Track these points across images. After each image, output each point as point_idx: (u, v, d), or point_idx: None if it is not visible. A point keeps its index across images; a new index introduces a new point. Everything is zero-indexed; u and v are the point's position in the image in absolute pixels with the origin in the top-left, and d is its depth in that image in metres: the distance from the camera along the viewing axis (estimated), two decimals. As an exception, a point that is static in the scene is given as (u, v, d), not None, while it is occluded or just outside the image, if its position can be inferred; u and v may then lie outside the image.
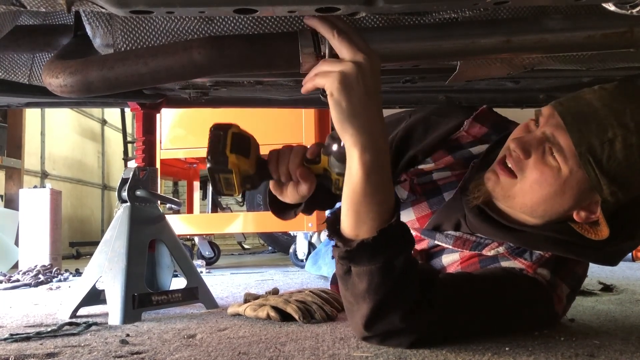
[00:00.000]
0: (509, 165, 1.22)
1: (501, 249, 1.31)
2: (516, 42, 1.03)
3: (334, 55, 1.00)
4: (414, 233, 1.40)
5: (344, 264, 1.09)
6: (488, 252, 1.32)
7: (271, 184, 1.23)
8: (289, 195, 1.21)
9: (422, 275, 1.14)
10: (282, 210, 1.39)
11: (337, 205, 1.19)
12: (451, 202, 1.35)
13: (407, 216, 1.44)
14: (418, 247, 1.41)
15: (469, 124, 1.43)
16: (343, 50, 0.97)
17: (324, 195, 1.26)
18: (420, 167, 1.45)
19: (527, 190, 1.21)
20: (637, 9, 0.91)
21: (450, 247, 1.34)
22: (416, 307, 1.11)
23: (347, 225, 1.07)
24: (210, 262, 4.82)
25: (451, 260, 1.37)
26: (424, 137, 1.46)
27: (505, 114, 1.52)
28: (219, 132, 1.18)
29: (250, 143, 1.20)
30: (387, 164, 1.04)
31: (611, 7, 0.94)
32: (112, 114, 9.61)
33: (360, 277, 1.08)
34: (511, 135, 1.27)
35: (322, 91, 1.01)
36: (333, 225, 1.11)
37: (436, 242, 1.36)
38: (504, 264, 1.31)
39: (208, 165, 1.16)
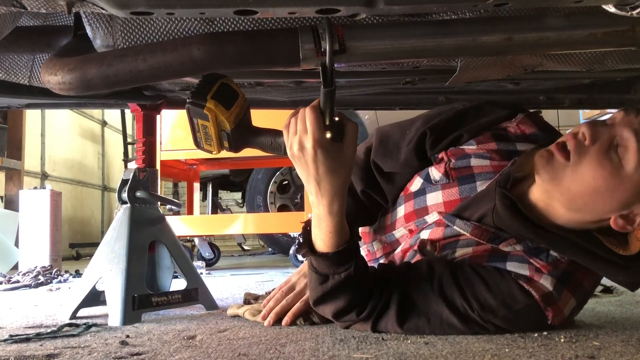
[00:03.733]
0: (568, 148, 1.19)
1: (518, 247, 1.30)
2: (518, 39, 1.03)
3: (335, 53, 1.00)
4: (436, 217, 1.41)
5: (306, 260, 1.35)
6: (504, 247, 1.31)
7: None
8: None
9: (378, 276, 1.36)
10: None
11: None
12: (484, 192, 1.34)
13: (435, 198, 1.43)
14: (433, 236, 1.40)
15: (522, 118, 1.43)
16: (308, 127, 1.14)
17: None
18: (462, 147, 1.45)
19: (577, 177, 1.18)
20: (638, 10, 0.91)
21: (468, 234, 1.32)
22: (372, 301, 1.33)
23: (312, 233, 1.31)
24: (210, 264, 4.82)
25: (463, 253, 1.36)
26: (474, 120, 1.46)
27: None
28: (209, 78, 1.17)
29: (237, 99, 1.19)
30: (324, 216, 1.23)
31: (611, 8, 0.94)
32: (112, 115, 9.62)
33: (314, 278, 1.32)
34: (580, 125, 1.24)
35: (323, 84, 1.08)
36: (306, 231, 1.33)
37: (455, 227, 1.34)
38: (510, 265, 1.31)
39: (186, 105, 1.15)
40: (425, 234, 1.42)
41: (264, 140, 1.27)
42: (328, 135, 1.14)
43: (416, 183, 1.49)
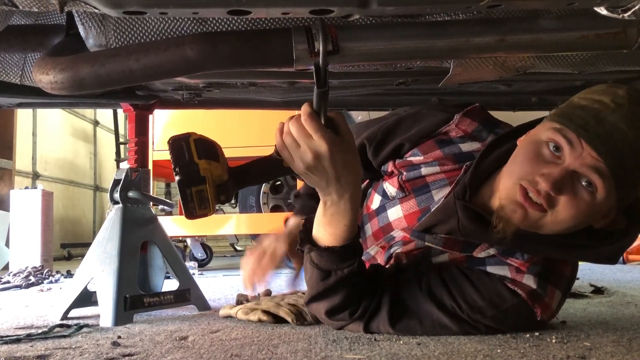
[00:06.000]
0: (538, 201, 1.17)
1: (492, 250, 1.31)
2: (510, 41, 1.03)
3: (328, 53, 1.00)
4: (402, 234, 1.41)
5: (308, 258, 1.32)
6: (478, 253, 1.32)
7: None
8: None
9: (371, 276, 1.34)
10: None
11: None
12: (444, 205, 1.34)
13: (396, 213, 1.43)
14: (405, 249, 1.41)
15: (459, 118, 1.42)
16: (312, 134, 1.11)
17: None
18: (409, 159, 1.45)
19: (559, 221, 1.19)
20: (628, 13, 0.92)
21: (440, 248, 1.34)
22: (364, 301, 1.32)
23: (314, 230, 1.30)
24: (202, 264, 4.81)
25: (440, 260, 1.37)
26: (412, 128, 1.46)
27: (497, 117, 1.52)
28: (179, 143, 1.12)
29: (216, 147, 1.15)
30: (344, 210, 1.21)
31: (603, 11, 0.95)
32: (104, 115, 9.58)
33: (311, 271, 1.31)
34: (527, 160, 1.20)
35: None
36: (306, 228, 1.33)
37: (426, 243, 1.35)
38: (490, 268, 1.32)
39: (178, 178, 1.09)
40: (398, 249, 1.43)
41: (255, 173, 1.22)
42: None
43: (375, 201, 1.50)
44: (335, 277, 1.27)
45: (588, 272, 3.12)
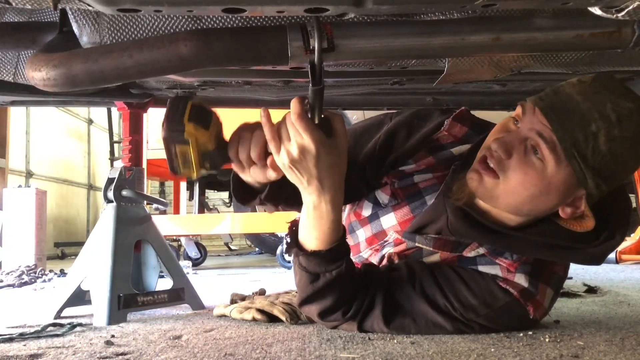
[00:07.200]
0: (491, 166, 1.21)
1: (481, 250, 1.32)
2: (505, 40, 1.03)
3: (323, 51, 1.00)
4: (394, 236, 1.41)
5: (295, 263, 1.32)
6: (468, 253, 1.33)
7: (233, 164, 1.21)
8: (255, 175, 1.20)
9: (363, 276, 1.34)
10: (246, 196, 1.38)
11: None
12: (434, 205, 1.35)
13: (390, 221, 1.43)
14: (396, 249, 1.41)
15: (449, 124, 1.43)
16: (301, 132, 1.10)
17: (290, 189, 1.29)
18: (401, 168, 1.45)
19: (511, 191, 1.20)
20: (622, 13, 0.92)
21: (430, 249, 1.34)
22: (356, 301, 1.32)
23: (300, 234, 1.30)
24: (196, 263, 4.80)
25: (432, 260, 1.38)
26: (406, 141, 1.46)
27: (492, 117, 1.52)
28: (177, 102, 1.14)
29: (211, 116, 1.16)
30: (326, 212, 1.20)
31: (597, 11, 0.95)
32: (98, 114, 9.55)
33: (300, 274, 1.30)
34: (490, 134, 1.26)
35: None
36: (292, 231, 1.33)
37: (416, 244, 1.36)
38: (482, 268, 1.32)
39: (162, 134, 1.11)
40: (389, 249, 1.43)
41: None
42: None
43: (366, 207, 1.49)
44: (324, 279, 1.27)
45: (581, 272, 3.13)
